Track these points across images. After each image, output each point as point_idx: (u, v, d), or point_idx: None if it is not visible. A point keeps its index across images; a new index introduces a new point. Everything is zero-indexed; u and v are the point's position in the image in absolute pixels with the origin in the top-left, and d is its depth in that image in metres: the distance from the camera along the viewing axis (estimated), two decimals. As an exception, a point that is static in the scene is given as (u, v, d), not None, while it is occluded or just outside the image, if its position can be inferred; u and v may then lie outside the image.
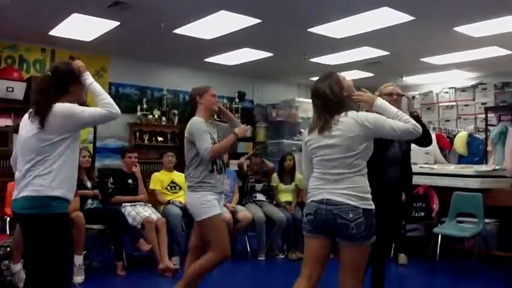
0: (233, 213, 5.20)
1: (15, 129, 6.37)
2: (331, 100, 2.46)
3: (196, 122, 3.29)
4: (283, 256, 5.38)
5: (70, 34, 6.34)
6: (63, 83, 2.43)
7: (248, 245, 5.43)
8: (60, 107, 2.35)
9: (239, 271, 4.96)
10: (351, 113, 2.43)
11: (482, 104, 7.81)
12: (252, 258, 5.25)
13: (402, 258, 5.03)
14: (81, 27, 6.01)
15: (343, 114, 2.42)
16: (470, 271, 4.60)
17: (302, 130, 7.15)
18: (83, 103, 2.49)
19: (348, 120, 2.40)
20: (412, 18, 5.34)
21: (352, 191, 2.36)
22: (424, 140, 3.07)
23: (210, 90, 3.44)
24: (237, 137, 3.38)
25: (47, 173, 2.30)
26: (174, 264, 4.59)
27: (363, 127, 2.38)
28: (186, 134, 3.33)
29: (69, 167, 2.39)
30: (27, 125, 2.39)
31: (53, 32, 6.26)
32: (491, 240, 5.10)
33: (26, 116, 2.44)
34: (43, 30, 6.18)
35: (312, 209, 2.44)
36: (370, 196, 2.40)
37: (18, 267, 3.90)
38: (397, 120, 2.41)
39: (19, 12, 5.43)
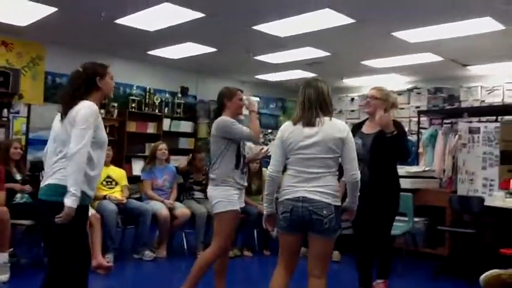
0: (171, 209, 5.14)
1: None
2: (324, 98, 2.68)
3: (225, 118, 3.42)
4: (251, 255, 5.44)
5: (2, 17, 5.99)
6: (92, 78, 2.61)
7: (185, 242, 5.38)
8: (85, 106, 2.51)
9: (173, 268, 4.92)
10: (335, 120, 2.69)
11: (416, 107, 8.19)
12: (189, 255, 5.21)
13: (335, 255, 5.17)
14: (15, 10, 5.69)
15: (328, 118, 2.66)
16: (400, 267, 4.80)
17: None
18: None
19: (332, 124, 2.64)
20: (352, 21, 5.48)
21: (326, 189, 2.58)
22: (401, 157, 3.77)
23: (239, 94, 3.52)
24: (255, 112, 3.55)
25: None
26: (107, 262, 4.47)
27: (342, 137, 2.62)
28: (213, 132, 3.44)
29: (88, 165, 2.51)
30: (58, 120, 2.63)
31: (-17, 15, 5.90)
32: (420, 238, 5.36)
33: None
34: (-28, 12, 5.81)
35: (288, 207, 2.61)
36: (339, 194, 2.67)
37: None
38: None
39: None
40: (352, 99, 9.35)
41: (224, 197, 3.34)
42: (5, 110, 6.58)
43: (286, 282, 2.75)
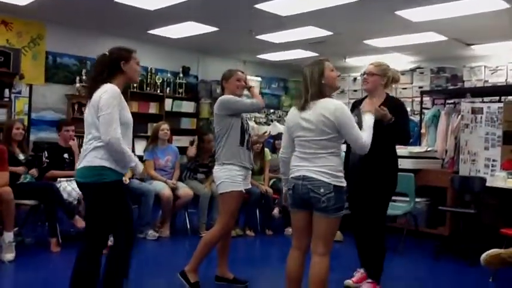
0: (174, 189, 5.17)
1: None
2: (310, 84, 2.72)
3: (226, 96, 3.49)
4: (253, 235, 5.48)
5: (2, -3, 5.94)
6: (116, 62, 2.68)
7: (188, 222, 5.42)
8: (106, 90, 2.57)
9: (177, 247, 4.97)
10: (327, 102, 2.69)
11: (419, 87, 8.13)
12: (192, 235, 5.26)
13: (337, 235, 5.20)
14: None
15: (321, 100, 2.69)
16: (401, 247, 4.84)
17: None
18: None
19: (323, 106, 2.67)
20: (355, -1, 5.41)
21: (325, 169, 2.64)
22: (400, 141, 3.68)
23: (237, 74, 3.56)
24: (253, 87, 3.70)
25: (100, 147, 2.54)
26: (110, 242, 4.50)
27: (331, 119, 2.64)
28: (216, 111, 3.47)
29: None
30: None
31: (-18, -6, 5.84)
32: (421, 218, 5.39)
33: None
34: (-30, -9, 5.76)
35: (291, 184, 2.75)
36: (341, 174, 2.68)
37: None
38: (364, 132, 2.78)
39: None
40: (355, 79, 9.28)
41: (228, 177, 3.36)
42: (7, 91, 6.55)
43: (300, 263, 2.80)
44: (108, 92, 2.56)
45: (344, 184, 2.67)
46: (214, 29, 7.10)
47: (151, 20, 6.81)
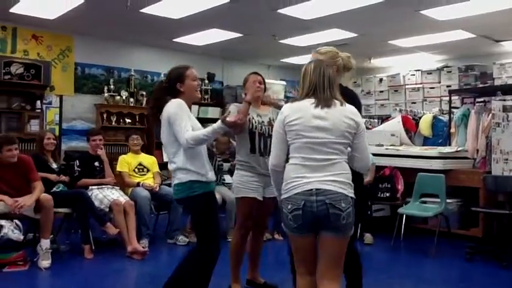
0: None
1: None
2: (335, 82, 2.41)
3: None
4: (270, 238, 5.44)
5: (32, 12, 6.12)
6: (173, 86, 2.83)
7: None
8: (169, 105, 2.75)
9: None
10: (347, 104, 2.38)
11: (447, 86, 7.99)
12: (221, 239, 5.27)
13: (368, 238, 5.16)
14: (44, 4, 5.81)
15: (339, 102, 2.34)
16: (433, 249, 4.76)
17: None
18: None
19: (344, 108, 2.33)
20: (379, 0, 5.37)
21: (342, 178, 2.23)
22: None
23: (250, 77, 3.45)
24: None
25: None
26: (143, 247, 4.58)
27: (356, 120, 2.34)
28: None
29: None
30: None
31: (14, 9, 6.02)
32: (453, 219, 5.28)
33: None
34: (3, 6, 5.94)
35: (299, 202, 2.19)
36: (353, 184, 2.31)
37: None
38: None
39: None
40: (381, 79, 9.19)
41: (239, 182, 3.34)
42: (38, 102, 6.75)
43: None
44: (171, 107, 2.75)
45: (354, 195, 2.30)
46: (238, 35, 7.15)
47: (176, 29, 6.90)
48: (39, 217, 4.17)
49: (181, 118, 2.70)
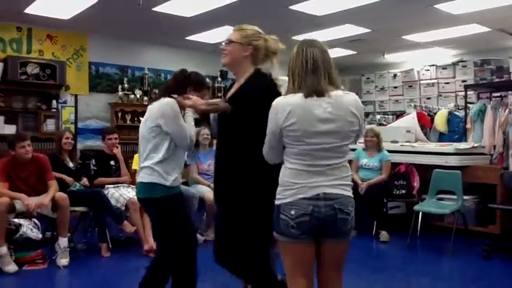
0: (217, 193, 5.22)
1: (-7, 110, 6.28)
2: (331, 64, 2.08)
3: None
4: None
5: (47, 12, 6.17)
6: (185, 85, 2.82)
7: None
8: (165, 105, 2.73)
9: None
10: (349, 93, 2.10)
11: (463, 81, 7.90)
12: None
13: (384, 235, 5.13)
14: (58, 4, 5.86)
15: (340, 91, 2.05)
16: (450, 246, 4.71)
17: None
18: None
19: (348, 99, 2.05)
20: (393, -5, 5.33)
21: (346, 181, 2.07)
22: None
23: None
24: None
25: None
26: (159, 245, 4.60)
27: (357, 116, 2.06)
28: None
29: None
30: None
31: (29, 10, 6.08)
32: (470, 216, 5.22)
33: None
34: (18, 8, 6.00)
35: (307, 208, 1.99)
36: None
37: (3, 250, 3.89)
38: None
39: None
40: (395, 75, 9.12)
41: None
42: (54, 101, 6.83)
43: None
44: (167, 105, 2.73)
45: None
46: (251, 32, 7.13)
47: (189, 27, 6.91)
48: (56, 216, 4.23)
49: (180, 118, 2.71)
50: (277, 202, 2.07)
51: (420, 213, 4.97)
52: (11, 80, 6.33)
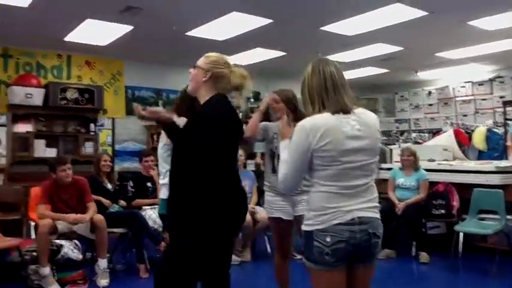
0: (252, 214, 5.23)
1: (35, 134, 6.51)
2: (343, 84, 2.04)
3: None
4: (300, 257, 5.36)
5: (85, 39, 6.41)
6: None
7: (268, 245, 5.44)
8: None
9: (260, 272, 4.99)
10: (364, 110, 2.08)
11: (500, 97, 7.74)
12: (273, 258, 5.25)
13: (424, 256, 4.99)
14: (96, 32, 6.07)
15: (359, 108, 2.04)
16: (494, 268, 4.55)
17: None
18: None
19: (370, 116, 2.05)
20: (425, 13, 5.31)
21: (375, 203, 2.01)
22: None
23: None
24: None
25: None
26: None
27: (380, 134, 2.11)
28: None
29: None
30: None
31: (69, 38, 6.33)
32: (514, 236, 5.04)
33: None
34: (58, 36, 6.26)
35: (344, 234, 1.90)
36: None
37: (47, 270, 3.97)
38: None
39: (35, 19, 5.50)
40: (429, 92, 9.01)
41: (266, 202, 3.34)
42: (92, 125, 7.03)
43: None
44: None
45: None
46: (282, 53, 7.21)
47: (221, 50, 6.86)
48: (95, 237, 4.32)
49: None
50: (308, 228, 1.96)
51: (461, 233, 4.83)
52: (52, 106, 6.56)
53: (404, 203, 5.14)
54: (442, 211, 5.22)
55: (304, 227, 2.00)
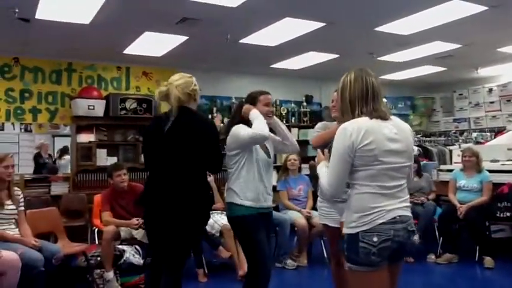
0: (308, 218, 5.22)
1: (98, 144, 6.83)
2: (379, 95, 2.16)
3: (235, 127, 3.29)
4: None
5: (143, 51, 6.65)
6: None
7: (325, 250, 5.41)
8: (235, 130, 2.99)
9: (316, 277, 4.96)
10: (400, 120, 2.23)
11: None
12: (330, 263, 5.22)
13: (488, 261, 4.78)
14: (153, 44, 6.29)
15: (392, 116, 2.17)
16: None
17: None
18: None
19: (403, 124, 2.18)
20: (485, 8, 5.08)
21: (408, 203, 2.12)
22: None
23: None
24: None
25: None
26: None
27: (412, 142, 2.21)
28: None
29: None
30: None
31: (127, 51, 6.59)
32: None
33: None
34: (118, 49, 6.54)
35: (388, 233, 1.98)
36: None
37: (111, 275, 4.15)
38: None
39: (96, 35, 5.77)
40: (490, 89, 8.61)
41: (318, 208, 3.38)
42: (151, 134, 7.24)
43: None
44: (235, 130, 3.03)
45: None
46: (335, 56, 7.15)
47: (273, 55, 7.08)
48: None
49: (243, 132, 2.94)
50: (352, 231, 2.01)
51: (529, 237, 4.60)
52: (112, 116, 6.84)
53: (467, 205, 4.96)
54: (508, 214, 4.99)
55: (347, 230, 2.05)
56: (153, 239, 2.95)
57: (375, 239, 1.96)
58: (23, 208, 3.99)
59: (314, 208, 5.48)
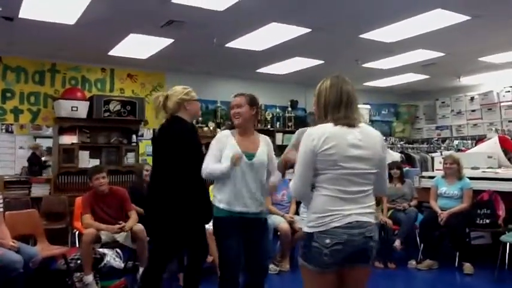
0: (291, 223, 5.22)
1: (80, 146, 6.75)
2: (354, 102, 2.18)
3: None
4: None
5: (128, 53, 6.62)
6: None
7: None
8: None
9: (298, 282, 4.96)
10: (370, 127, 2.27)
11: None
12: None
13: (467, 267, 4.84)
14: (138, 46, 6.26)
15: (363, 124, 2.20)
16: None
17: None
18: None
19: (372, 131, 2.21)
20: (467, 18, 5.19)
21: (372, 209, 2.14)
22: None
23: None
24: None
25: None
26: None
27: (383, 150, 2.22)
28: None
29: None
30: None
31: (112, 52, 6.56)
32: None
33: None
34: (103, 51, 6.49)
35: (341, 237, 2.01)
36: None
37: (90, 278, 4.10)
38: None
39: (81, 35, 5.73)
40: (472, 98, 8.75)
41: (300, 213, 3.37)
42: (134, 136, 7.21)
43: None
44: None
45: None
46: (320, 62, 7.20)
47: (260, 60, 7.11)
48: (136, 247, 4.42)
49: (211, 149, 3.01)
50: (309, 230, 2.09)
51: (508, 244, 4.66)
52: (96, 118, 6.77)
53: (447, 212, 5.01)
54: (487, 220, 5.05)
55: (305, 229, 2.14)
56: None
57: (327, 241, 2.02)
58: (1, 209, 3.92)
59: (297, 213, 5.50)
